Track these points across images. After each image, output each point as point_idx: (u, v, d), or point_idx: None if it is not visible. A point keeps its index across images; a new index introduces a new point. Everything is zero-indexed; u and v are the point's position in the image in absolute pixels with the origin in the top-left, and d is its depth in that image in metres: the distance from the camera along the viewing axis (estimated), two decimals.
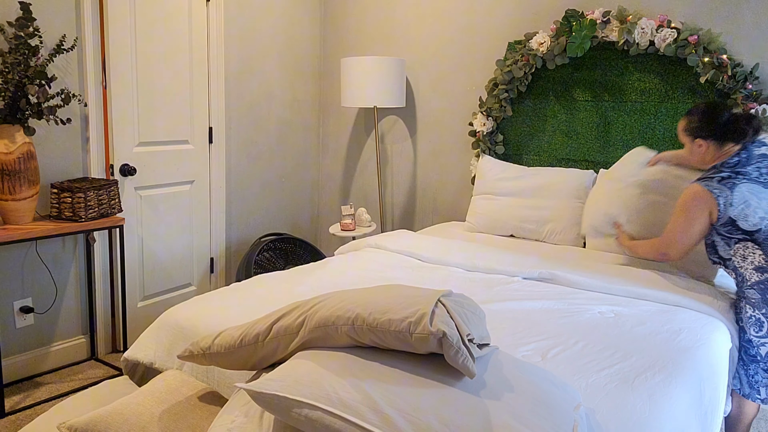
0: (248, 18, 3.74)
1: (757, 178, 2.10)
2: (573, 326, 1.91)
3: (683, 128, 2.26)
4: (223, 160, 3.68)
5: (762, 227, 2.06)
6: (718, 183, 2.09)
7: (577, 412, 1.27)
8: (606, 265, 2.54)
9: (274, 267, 3.67)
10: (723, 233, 2.12)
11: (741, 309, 2.14)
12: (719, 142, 2.17)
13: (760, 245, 2.07)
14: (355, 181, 4.29)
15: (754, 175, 2.10)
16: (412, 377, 1.19)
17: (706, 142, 2.19)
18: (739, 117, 2.14)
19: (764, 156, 2.13)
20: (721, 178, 2.10)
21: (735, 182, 2.08)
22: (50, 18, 2.76)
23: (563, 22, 3.11)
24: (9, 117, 2.51)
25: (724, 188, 2.07)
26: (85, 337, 3.11)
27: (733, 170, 2.11)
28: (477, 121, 3.46)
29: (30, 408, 2.62)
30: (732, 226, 2.09)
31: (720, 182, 2.09)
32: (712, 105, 2.21)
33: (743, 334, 2.13)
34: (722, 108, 2.18)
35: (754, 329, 2.09)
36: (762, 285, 2.06)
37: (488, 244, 2.90)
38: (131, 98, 3.12)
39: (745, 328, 2.12)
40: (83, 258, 3.05)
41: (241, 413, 1.26)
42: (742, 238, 2.10)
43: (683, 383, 1.60)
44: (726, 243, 2.13)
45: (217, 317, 1.94)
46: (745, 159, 2.12)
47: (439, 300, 1.28)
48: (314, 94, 4.32)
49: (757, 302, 2.08)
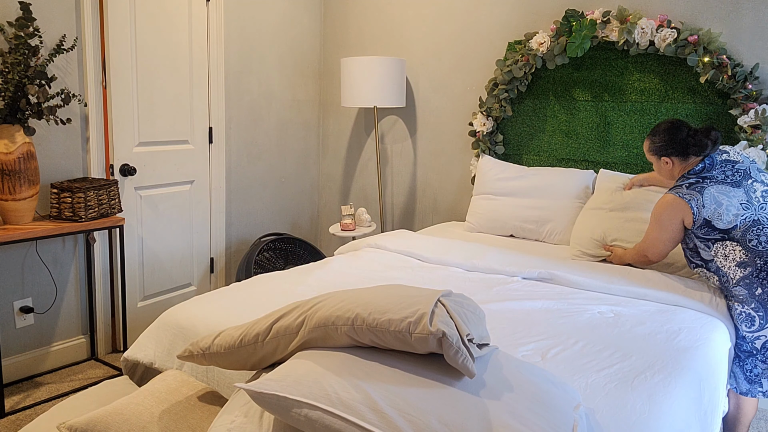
0: (248, 18, 3.74)
1: (723, 179, 2.18)
2: (572, 326, 1.92)
3: (648, 148, 2.35)
4: (223, 160, 3.68)
5: (737, 224, 2.12)
6: (687, 189, 2.18)
7: (577, 412, 1.27)
8: (605, 265, 2.54)
9: (274, 267, 3.68)
10: (701, 236, 2.18)
11: (730, 308, 2.19)
12: (683, 157, 2.27)
13: (738, 242, 2.13)
14: (355, 181, 4.29)
15: (720, 178, 2.19)
16: (412, 377, 1.19)
17: (670, 158, 2.29)
18: (698, 131, 2.24)
19: (726, 161, 2.22)
20: (690, 184, 2.20)
21: (703, 186, 2.17)
22: (50, 18, 2.77)
23: (563, 22, 3.11)
24: (9, 117, 2.51)
25: (694, 192, 2.16)
26: (85, 337, 3.11)
27: (699, 176, 2.21)
28: (477, 121, 3.46)
29: (30, 408, 2.62)
30: (708, 228, 2.15)
31: (689, 188, 2.18)
32: (671, 123, 2.30)
33: (736, 331, 2.18)
34: (681, 125, 2.28)
35: (746, 325, 2.13)
36: (747, 280, 2.11)
37: (488, 244, 2.90)
38: (131, 98, 3.12)
39: (737, 325, 2.17)
40: (83, 258, 3.05)
41: (241, 413, 1.26)
42: (720, 238, 2.15)
43: (683, 383, 1.60)
44: (705, 245, 2.19)
45: (217, 317, 1.94)
46: (709, 165, 2.21)
47: (438, 300, 1.28)
48: (314, 94, 4.32)
49: (744, 298, 2.13)
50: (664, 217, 2.22)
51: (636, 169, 3.10)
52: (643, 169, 3.07)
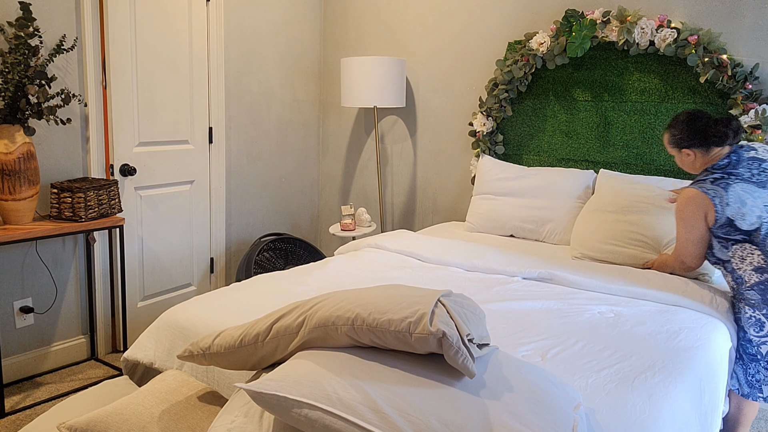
0: (248, 18, 3.74)
1: (749, 178, 2.13)
2: (573, 326, 1.91)
3: (668, 141, 2.32)
4: (223, 160, 3.68)
5: (759, 227, 2.07)
6: (712, 184, 2.12)
7: (577, 412, 1.27)
8: (605, 266, 2.54)
9: (274, 267, 3.68)
10: (720, 235, 2.13)
11: (739, 310, 2.15)
12: (704, 148, 2.22)
13: (757, 245, 2.08)
14: (355, 181, 4.29)
15: (746, 176, 2.13)
16: (412, 377, 1.19)
17: (692, 150, 2.24)
18: (718, 121, 2.19)
19: (754, 159, 2.17)
20: (714, 179, 2.14)
21: (728, 182, 2.11)
22: (50, 18, 2.77)
23: (563, 22, 3.11)
24: (9, 117, 2.51)
25: (718, 188, 2.10)
26: (85, 337, 3.11)
27: (725, 171, 2.15)
28: (477, 121, 3.46)
29: (30, 408, 2.62)
30: (730, 227, 2.10)
31: (713, 183, 2.12)
32: (690, 114, 2.26)
33: (743, 334, 2.13)
34: (701, 115, 2.23)
35: (755, 329, 2.09)
36: (762, 285, 2.07)
37: (488, 244, 2.90)
38: (131, 98, 3.12)
39: (744, 328, 2.13)
40: (83, 258, 3.05)
41: (241, 413, 1.26)
42: (740, 239, 2.10)
43: (683, 383, 1.60)
44: (723, 246, 2.14)
45: (217, 317, 1.94)
46: (735, 160, 2.16)
47: (438, 300, 1.28)
48: (314, 94, 4.32)
49: (756, 303, 2.08)
50: (687, 213, 2.15)
51: (636, 169, 3.10)
52: (644, 169, 3.07)
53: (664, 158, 3.02)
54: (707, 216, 2.12)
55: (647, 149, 3.06)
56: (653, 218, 2.55)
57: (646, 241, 2.54)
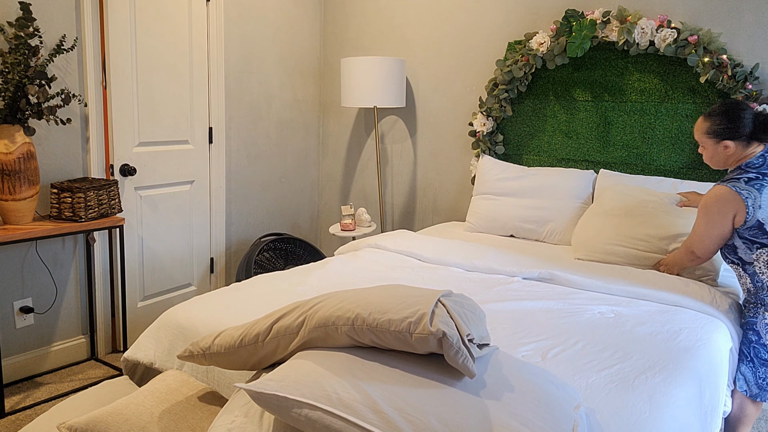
0: (248, 18, 3.74)
1: None
2: (573, 326, 1.91)
3: (705, 130, 2.16)
4: (223, 160, 3.68)
5: None
6: (746, 184, 2.03)
7: (577, 412, 1.27)
8: (605, 266, 2.54)
9: (274, 267, 3.68)
10: (747, 237, 2.05)
11: (756, 314, 2.10)
12: (745, 142, 2.10)
13: None
14: (355, 181, 4.29)
15: None
16: (412, 377, 1.19)
17: (734, 143, 2.11)
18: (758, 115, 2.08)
19: None
20: (749, 179, 2.04)
21: (763, 183, 2.02)
22: (50, 18, 2.77)
23: (563, 22, 3.11)
24: (9, 117, 2.51)
25: (753, 189, 2.01)
26: (85, 337, 3.11)
27: (759, 171, 2.05)
28: (477, 121, 3.46)
29: (30, 408, 2.62)
30: (759, 230, 2.03)
31: (748, 183, 2.03)
32: (735, 104, 2.12)
33: (757, 338, 2.11)
34: (745, 107, 2.11)
35: None
36: None
37: (488, 244, 2.90)
38: (131, 98, 3.12)
39: (760, 332, 2.09)
40: (83, 258, 3.05)
41: (241, 413, 1.26)
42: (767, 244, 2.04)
43: (683, 383, 1.60)
44: (748, 247, 2.07)
45: (217, 317, 1.94)
46: None
47: (439, 300, 1.28)
48: (314, 94, 4.32)
49: None
50: (714, 210, 2.05)
51: (636, 169, 3.10)
52: (644, 169, 3.07)
53: (664, 158, 3.02)
54: (736, 216, 2.03)
55: (647, 149, 3.06)
56: (657, 220, 2.54)
57: (650, 243, 2.52)
